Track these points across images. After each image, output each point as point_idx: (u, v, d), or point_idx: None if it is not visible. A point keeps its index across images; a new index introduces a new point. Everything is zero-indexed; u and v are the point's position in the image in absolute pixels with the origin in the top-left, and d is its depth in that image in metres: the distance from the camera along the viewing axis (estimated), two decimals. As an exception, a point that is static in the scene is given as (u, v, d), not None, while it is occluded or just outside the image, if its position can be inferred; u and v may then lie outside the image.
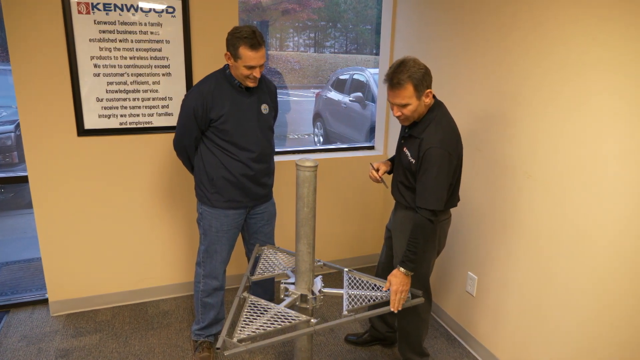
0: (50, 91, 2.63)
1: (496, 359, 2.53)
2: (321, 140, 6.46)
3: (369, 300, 1.95)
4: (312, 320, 1.80)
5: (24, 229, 4.43)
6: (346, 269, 2.13)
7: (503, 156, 2.38)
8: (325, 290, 1.97)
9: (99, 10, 2.61)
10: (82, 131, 2.73)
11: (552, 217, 2.11)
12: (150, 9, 2.70)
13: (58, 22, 2.56)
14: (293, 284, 1.96)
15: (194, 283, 2.55)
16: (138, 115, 2.83)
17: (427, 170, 1.97)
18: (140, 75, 2.77)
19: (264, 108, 2.37)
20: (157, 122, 2.88)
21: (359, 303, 1.91)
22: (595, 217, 1.90)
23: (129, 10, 2.66)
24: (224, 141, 2.29)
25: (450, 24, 2.71)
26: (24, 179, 2.80)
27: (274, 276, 2.14)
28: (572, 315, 2.05)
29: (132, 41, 2.71)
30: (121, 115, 2.80)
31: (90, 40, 2.63)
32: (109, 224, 2.93)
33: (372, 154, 3.57)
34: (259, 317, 1.75)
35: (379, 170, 2.26)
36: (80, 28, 2.60)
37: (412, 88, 1.94)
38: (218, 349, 1.63)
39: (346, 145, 3.69)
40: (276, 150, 2.80)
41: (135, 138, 2.86)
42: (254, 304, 1.83)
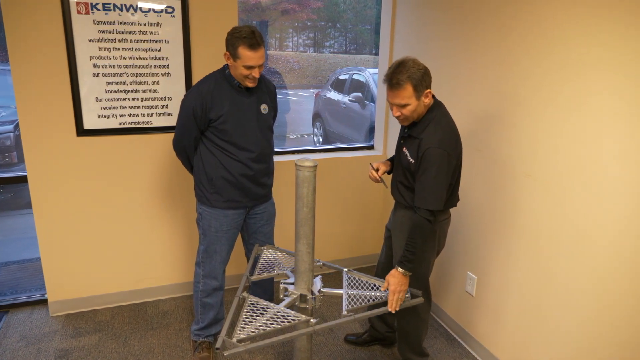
0: (50, 91, 2.63)
1: (496, 359, 2.53)
2: (320, 140, 6.46)
3: (369, 300, 1.95)
4: (312, 320, 1.80)
5: (23, 229, 4.42)
6: (346, 269, 2.13)
7: (503, 156, 2.38)
8: (325, 290, 1.97)
9: (98, 10, 2.61)
10: (81, 131, 2.73)
11: (551, 217, 2.11)
12: (150, 9, 2.70)
13: (57, 22, 2.55)
14: (292, 284, 1.96)
15: (194, 283, 2.55)
16: (137, 115, 2.83)
17: (426, 170, 1.97)
18: (139, 75, 2.77)
19: (264, 108, 2.37)
20: (157, 122, 2.88)
21: (358, 303, 1.91)
22: (595, 217, 1.90)
23: (128, 10, 2.66)
24: (223, 141, 2.28)
25: (449, 24, 2.71)
26: (23, 179, 2.79)
27: (273, 276, 2.14)
28: (572, 315, 2.04)
29: (131, 41, 2.71)
30: (120, 115, 2.80)
31: (89, 40, 2.63)
32: (108, 224, 2.93)
33: (371, 154, 3.56)
34: (258, 317, 1.75)
35: (379, 170, 2.26)
36: (80, 28, 2.60)
37: (412, 88, 1.94)
38: (217, 349, 1.63)
39: (345, 145, 3.69)
40: (275, 150, 2.80)
41: (135, 138, 2.86)
42: (253, 304, 1.83)
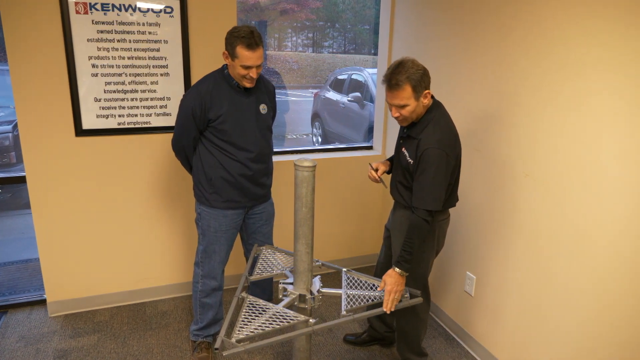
0: (48, 91, 2.62)
1: (495, 359, 2.53)
2: (319, 140, 6.45)
3: (368, 300, 1.94)
4: (311, 320, 1.79)
5: (22, 230, 4.42)
6: (345, 269, 2.13)
7: (502, 156, 2.38)
8: (324, 290, 1.96)
9: (97, 10, 2.60)
10: (80, 131, 2.73)
11: (551, 217, 2.11)
12: (148, 9, 2.70)
13: (56, 22, 2.55)
14: (291, 284, 1.96)
15: (193, 283, 2.55)
16: (136, 115, 2.82)
17: (425, 171, 1.97)
18: (138, 75, 2.77)
19: (263, 108, 2.37)
20: (156, 122, 2.87)
21: (357, 303, 1.90)
22: (595, 217, 1.90)
23: (126, 10, 2.66)
24: (222, 141, 2.28)
25: (449, 23, 2.71)
26: (22, 179, 2.78)
27: (272, 276, 2.14)
28: (572, 315, 2.04)
29: (130, 41, 2.70)
30: (119, 116, 2.79)
31: (88, 40, 2.62)
32: (107, 224, 2.93)
33: (370, 154, 3.56)
34: (257, 317, 1.75)
35: (378, 170, 2.26)
36: (78, 28, 2.59)
37: (411, 89, 1.94)
38: (216, 349, 1.62)
39: (344, 145, 3.69)
40: (275, 150, 2.80)
41: (134, 138, 2.85)
42: (252, 304, 1.82)
